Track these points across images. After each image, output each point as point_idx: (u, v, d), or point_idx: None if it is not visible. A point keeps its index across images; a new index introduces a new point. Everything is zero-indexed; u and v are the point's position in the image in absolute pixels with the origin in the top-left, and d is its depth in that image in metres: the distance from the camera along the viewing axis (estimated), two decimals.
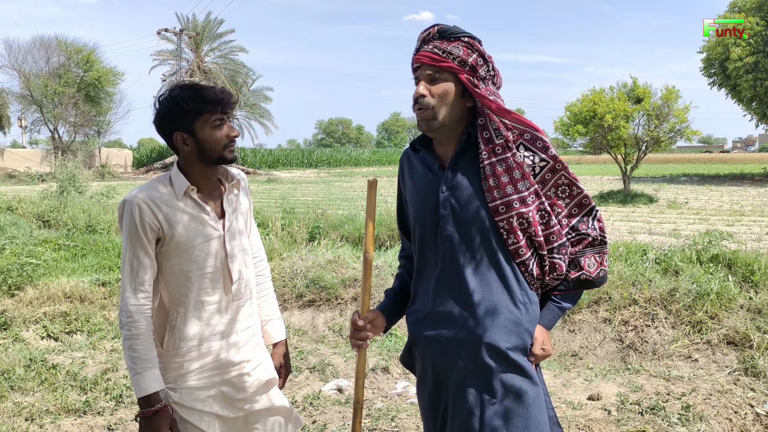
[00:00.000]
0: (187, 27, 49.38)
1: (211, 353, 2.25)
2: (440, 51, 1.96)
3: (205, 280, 2.23)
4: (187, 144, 2.17)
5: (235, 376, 2.29)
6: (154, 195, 2.16)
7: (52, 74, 42.52)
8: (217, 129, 2.17)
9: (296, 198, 20.99)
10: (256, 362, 2.36)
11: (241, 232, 2.35)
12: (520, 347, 1.97)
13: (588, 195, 2.05)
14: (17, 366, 4.75)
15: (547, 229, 1.99)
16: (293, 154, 65.85)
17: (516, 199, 1.95)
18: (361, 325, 2.12)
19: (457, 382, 2.00)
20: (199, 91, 2.14)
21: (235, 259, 2.29)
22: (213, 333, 2.25)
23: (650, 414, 3.94)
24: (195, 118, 2.14)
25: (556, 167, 2.00)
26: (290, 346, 5.61)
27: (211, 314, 2.25)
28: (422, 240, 2.09)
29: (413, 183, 2.14)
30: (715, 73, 33.44)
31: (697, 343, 5.12)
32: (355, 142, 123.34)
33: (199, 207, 2.22)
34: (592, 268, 2.05)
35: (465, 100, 2.00)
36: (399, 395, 4.61)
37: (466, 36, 1.98)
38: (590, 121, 20.40)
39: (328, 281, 6.78)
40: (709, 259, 6.58)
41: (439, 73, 1.97)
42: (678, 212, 16.40)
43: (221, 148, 2.19)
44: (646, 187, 24.07)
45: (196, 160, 2.21)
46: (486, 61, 1.99)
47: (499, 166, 1.96)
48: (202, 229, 2.21)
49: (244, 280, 2.33)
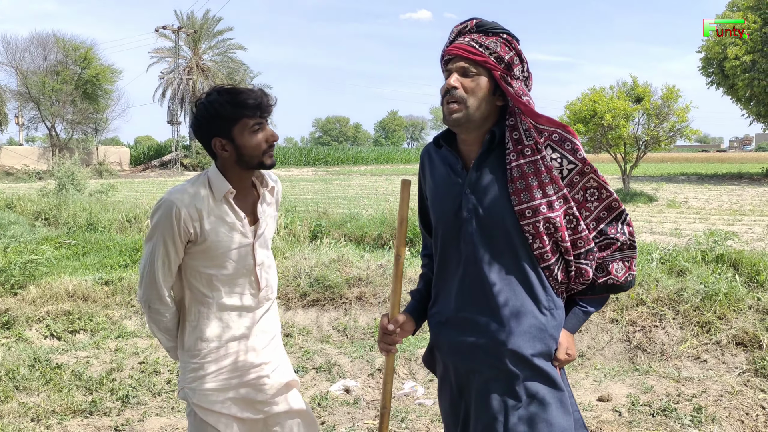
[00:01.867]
0: (185, 24, 49.32)
1: (229, 356, 2.24)
2: (477, 45, 1.91)
3: (232, 284, 2.22)
4: (227, 150, 2.14)
5: (254, 378, 2.28)
6: (193, 197, 2.14)
7: (50, 71, 42.37)
8: (255, 134, 2.13)
9: (296, 196, 20.94)
10: (275, 364, 2.34)
11: (270, 239, 2.34)
12: (544, 353, 1.93)
13: (618, 199, 2.00)
14: (21, 366, 4.71)
15: (574, 234, 1.94)
16: (291, 152, 65.75)
17: (543, 203, 1.89)
18: (391, 329, 2.08)
19: (479, 388, 1.96)
20: (237, 96, 2.10)
21: (263, 267, 2.28)
22: (233, 336, 2.24)
23: (662, 415, 3.92)
24: (233, 123, 2.10)
25: (584, 170, 1.94)
26: (295, 345, 5.58)
27: (233, 318, 2.24)
28: (444, 241, 2.04)
29: (434, 182, 2.08)
30: (713, 72, 33.47)
31: (705, 343, 5.09)
32: (352, 141, 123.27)
33: (234, 212, 2.19)
34: (620, 273, 2.01)
35: (496, 98, 1.95)
36: (406, 396, 4.58)
37: (505, 33, 1.93)
38: (590, 120, 20.38)
39: (332, 280, 6.74)
40: (715, 259, 6.57)
41: (473, 67, 1.91)
42: (678, 211, 16.40)
43: (260, 153, 2.15)
44: (645, 186, 24.07)
45: (235, 166, 2.17)
46: (522, 61, 1.94)
47: (528, 169, 1.90)
48: (235, 235, 2.19)
49: (270, 285, 2.33)
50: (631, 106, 20.36)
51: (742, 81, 29.98)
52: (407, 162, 73.21)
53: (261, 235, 2.26)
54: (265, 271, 2.29)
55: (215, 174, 2.19)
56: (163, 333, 2.28)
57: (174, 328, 2.29)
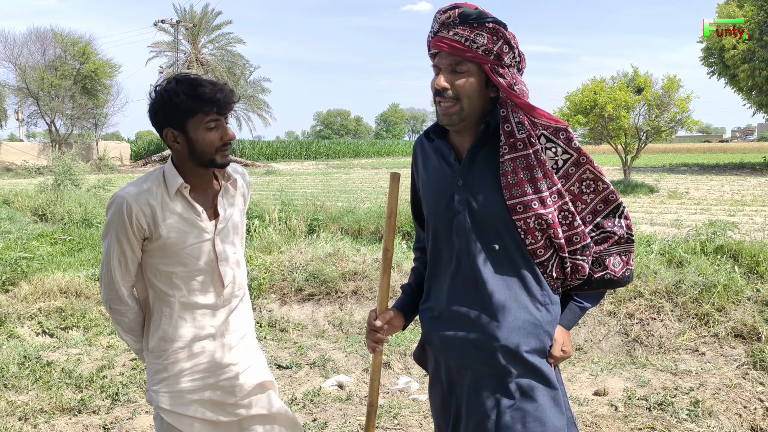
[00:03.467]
0: (184, 18, 49.12)
1: (195, 356, 2.17)
2: (462, 39, 1.81)
3: (195, 282, 2.14)
4: (178, 142, 2.07)
5: (223, 379, 2.21)
6: (145, 192, 2.07)
7: (49, 66, 42.20)
8: (210, 131, 2.05)
9: (295, 190, 20.88)
10: (246, 364, 2.27)
11: (236, 233, 2.25)
12: (538, 349, 1.87)
13: (614, 191, 1.93)
14: (11, 363, 4.65)
15: (570, 230, 1.87)
16: (292, 145, 65.60)
17: (535, 200, 1.83)
18: (379, 326, 2.02)
19: (471, 384, 1.91)
20: (196, 88, 2.01)
21: (227, 262, 2.19)
22: (199, 336, 2.17)
23: (658, 409, 3.86)
24: (188, 116, 2.02)
25: (580, 160, 1.88)
26: (290, 341, 5.52)
27: (197, 316, 2.17)
28: (436, 235, 1.98)
29: (427, 174, 2.01)
30: (714, 62, 33.29)
31: (704, 336, 5.03)
32: (353, 134, 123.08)
33: (190, 207, 2.12)
34: (617, 268, 1.94)
35: (488, 90, 1.88)
36: (401, 391, 4.53)
37: (491, 21, 1.81)
38: (591, 111, 20.28)
39: (327, 275, 6.69)
40: (714, 250, 6.49)
41: (461, 63, 1.83)
42: (679, 202, 16.31)
43: (213, 151, 2.07)
44: (647, 176, 23.98)
45: (187, 159, 2.09)
46: (512, 47, 1.84)
47: (519, 163, 1.83)
48: (192, 230, 2.11)
49: (236, 283, 2.24)
50: (632, 96, 20.24)
51: (742, 71, 29.79)
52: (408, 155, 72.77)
53: (222, 230, 2.18)
54: (230, 267, 2.20)
55: (170, 168, 2.12)
56: (128, 334, 2.22)
57: (138, 329, 2.22)
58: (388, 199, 2.04)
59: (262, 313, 6.53)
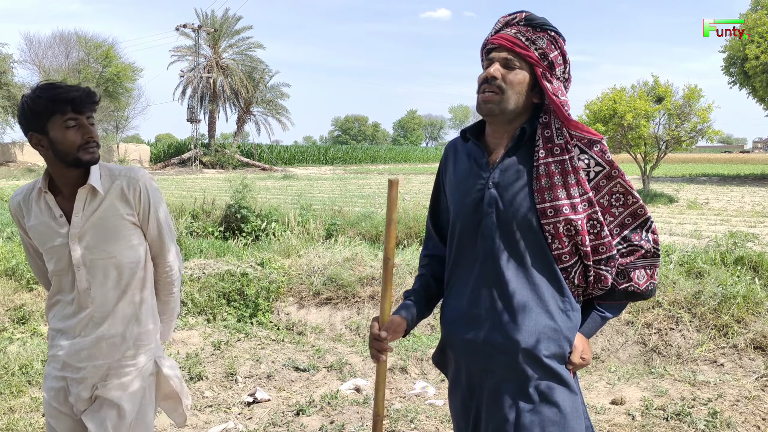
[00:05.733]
0: (205, 23, 49.62)
1: (53, 347, 2.29)
2: (524, 38, 1.88)
3: (59, 280, 2.26)
4: (42, 145, 2.12)
5: (70, 378, 2.26)
6: (26, 192, 2.26)
7: (72, 69, 42.83)
8: (69, 130, 2.09)
9: (312, 195, 20.98)
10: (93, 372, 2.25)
11: (107, 240, 2.20)
12: (557, 354, 1.88)
13: (644, 205, 1.94)
14: (35, 360, 4.74)
15: (597, 240, 1.89)
16: (309, 150, 65.92)
17: (567, 205, 1.85)
18: (384, 336, 2.01)
19: (492, 387, 1.93)
20: (51, 91, 2.07)
21: (85, 268, 2.20)
22: (58, 328, 2.28)
23: (676, 420, 3.85)
24: (46, 118, 2.08)
25: (612, 174, 1.90)
26: (307, 344, 5.57)
27: (59, 312, 2.29)
28: (461, 236, 2.00)
29: (456, 176, 2.04)
30: (735, 72, 33.01)
31: (723, 347, 5.00)
32: (371, 139, 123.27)
33: (49, 210, 2.20)
34: (641, 281, 1.95)
35: (533, 95, 1.92)
36: (417, 396, 4.55)
37: (553, 30, 1.90)
38: (610, 119, 20.20)
39: (345, 279, 6.73)
40: (734, 261, 6.46)
41: (516, 60, 1.88)
42: (698, 213, 16.17)
43: (75, 149, 2.10)
44: (666, 186, 23.80)
45: (55, 161, 2.14)
46: (565, 62, 1.91)
47: (555, 167, 1.87)
48: (50, 233, 2.21)
49: (96, 290, 2.21)
50: (652, 105, 20.14)
51: (759, 82, 29.50)
52: (425, 161, 73.10)
53: (79, 234, 2.18)
54: (89, 273, 2.20)
55: (45, 171, 2.23)
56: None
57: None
58: (387, 206, 2.01)
59: (280, 316, 6.59)
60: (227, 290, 6.62)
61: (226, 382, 4.67)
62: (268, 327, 6.32)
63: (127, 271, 2.25)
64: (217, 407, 4.25)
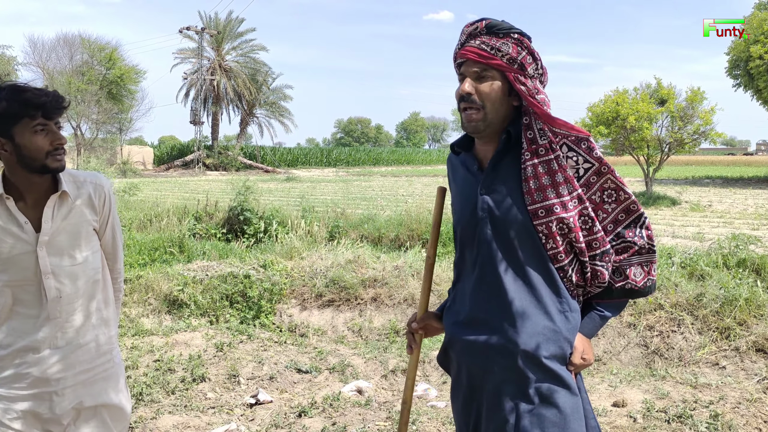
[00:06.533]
0: (209, 25, 49.77)
1: (15, 366, 2.13)
2: (488, 47, 1.89)
3: (20, 291, 2.12)
4: (6, 149, 2.03)
5: (44, 392, 2.15)
6: None
7: (76, 72, 42.95)
8: (37, 135, 2.02)
9: (315, 197, 21.00)
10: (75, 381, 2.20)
11: (75, 246, 2.17)
12: (557, 355, 1.89)
13: (636, 201, 1.96)
14: None
15: (589, 235, 1.91)
16: (312, 152, 66.02)
17: (557, 204, 1.87)
18: (415, 328, 2.16)
19: (492, 389, 1.95)
20: (19, 94, 2.00)
21: (54, 276, 2.13)
22: (21, 346, 2.13)
23: (677, 422, 3.85)
24: (13, 122, 2.00)
25: (601, 170, 1.91)
26: (309, 346, 5.58)
27: (21, 326, 2.13)
28: (462, 242, 2.05)
29: (456, 186, 2.09)
30: (739, 74, 32.97)
31: (725, 350, 5.00)
32: (373, 142, 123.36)
33: (10, 217, 2.08)
34: (638, 278, 1.96)
35: (511, 99, 1.93)
36: (419, 398, 4.56)
37: (516, 32, 1.90)
38: (613, 122, 20.21)
39: (347, 281, 6.75)
40: (737, 264, 6.46)
41: (486, 71, 1.90)
42: (701, 215, 16.17)
43: (43, 155, 2.03)
44: (669, 189, 23.77)
45: (18, 167, 2.06)
46: (535, 59, 1.91)
47: (541, 168, 1.88)
48: (11, 240, 2.08)
49: (65, 297, 2.16)
50: (654, 108, 20.14)
51: (764, 81, 29.45)
52: (428, 163, 73.14)
53: (48, 242, 2.11)
54: (58, 280, 2.13)
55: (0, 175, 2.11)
56: None
57: None
58: (434, 210, 2.18)
59: (283, 318, 6.60)
60: (230, 292, 6.64)
61: (229, 383, 4.69)
62: (271, 329, 6.33)
63: (92, 277, 2.24)
64: (219, 408, 4.26)
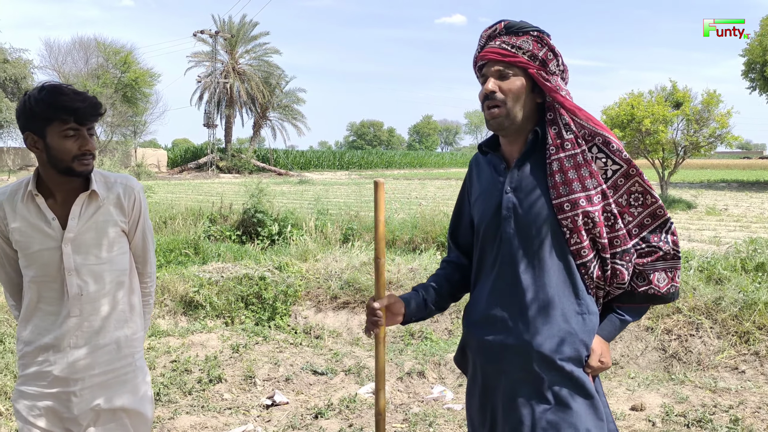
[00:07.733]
0: (222, 29, 50.02)
1: (38, 363, 2.16)
2: (509, 46, 1.90)
3: (44, 287, 2.15)
4: (38, 147, 2.08)
5: (64, 392, 2.17)
6: (9, 194, 2.15)
7: (91, 75, 43.34)
8: (67, 139, 2.05)
9: (328, 199, 21.03)
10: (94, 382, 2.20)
11: (100, 246, 2.19)
12: (573, 358, 1.88)
13: (663, 206, 1.94)
14: None
15: (611, 232, 1.89)
16: (325, 155, 66.09)
17: (582, 197, 1.86)
18: (377, 307, 2.04)
19: (507, 389, 1.94)
20: (56, 96, 2.02)
21: (77, 273, 2.15)
22: (43, 343, 2.16)
23: (696, 426, 3.82)
24: (46, 123, 2.04)
25: (629, 172, 1.90)
26: (325, 347, 5.58)
27: (44, 323, 2.16)
28: (483, 241, 2.03)
29: (480, 185, 2.08)
30: (755, 77, 32.71)
31: (744, 354, 4.95)
32: (386, 145, 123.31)
33: (39, 213, 2.12)
34: (661, 284, 1.94)
35: (535, 96, 1.94)
36: (435, 400, 4.55)
37: (535, 30, 1.92)
38: (628, 125, 20.10)
39: (362, 283, 6.75)
40: (755, 268, 6.39)
41: (508, 69, 1.90)
42: (718, 219, 16.03)
43: (70, 159, 2.07)
44: (684, 192, 23.60)
45: (47, 165, 2.10)
46: (556, 56, 1.92)
47: (567, 162, 1.88)
48: (38, 236, 2.12)
49: (87, 296, 2.18)
50: (670, 111, 20.02)
51: None
52: (441, 166, 73.06)
53: (73, 239, 2.14)
54: (80, 278, 2.15)
55: (34, 173, 2.16)
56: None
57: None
58: (375, 207, 2.05)
59: (298, 320, 6.61)
60: (245, 294, 6.66)
61: (245, 384, 4.70)
62: (286, 330, 6.34)
63: (117, 278, 2.25)
64: (236, 410, 4.27)
